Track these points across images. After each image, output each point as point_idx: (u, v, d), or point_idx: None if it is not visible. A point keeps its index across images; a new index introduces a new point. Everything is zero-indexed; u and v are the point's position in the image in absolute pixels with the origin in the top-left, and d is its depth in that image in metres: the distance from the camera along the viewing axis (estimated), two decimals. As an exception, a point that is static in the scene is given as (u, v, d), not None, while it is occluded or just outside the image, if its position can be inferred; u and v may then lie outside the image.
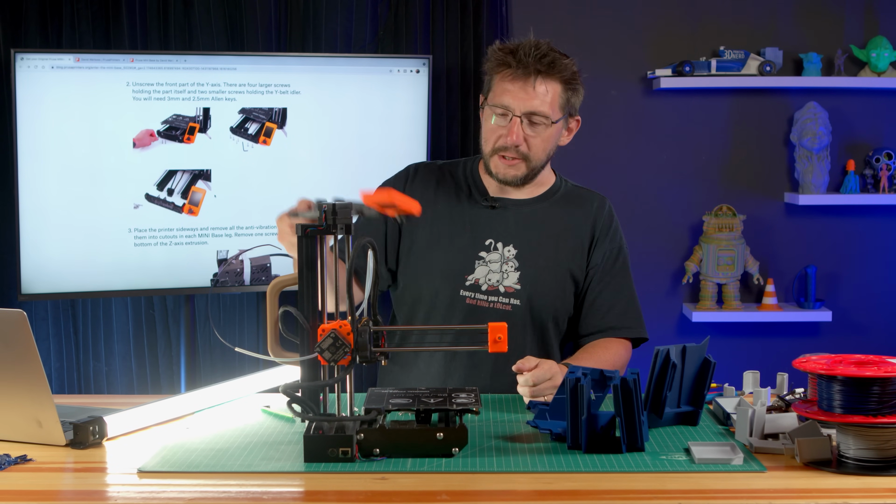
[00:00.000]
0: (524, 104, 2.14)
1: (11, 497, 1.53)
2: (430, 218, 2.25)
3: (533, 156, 2.19)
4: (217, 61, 3.24)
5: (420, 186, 2.29)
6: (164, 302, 3.54)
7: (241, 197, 3.29)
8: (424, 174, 2.32)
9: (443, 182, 2.30)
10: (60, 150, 3.13)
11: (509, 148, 2.16)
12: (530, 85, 2.14)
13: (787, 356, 1.79)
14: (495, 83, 2.18)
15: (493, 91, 2.18)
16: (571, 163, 3.78)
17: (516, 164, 2.19)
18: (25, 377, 1.72)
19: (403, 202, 1.79)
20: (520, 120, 2.14)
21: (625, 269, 2.29)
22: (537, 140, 2.18)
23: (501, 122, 2.16)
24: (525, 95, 2.14)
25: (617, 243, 2.29)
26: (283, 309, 1.76)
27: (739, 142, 3.82)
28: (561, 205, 2.29)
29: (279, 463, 1.65)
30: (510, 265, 2.22)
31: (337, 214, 1.72)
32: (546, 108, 2.15)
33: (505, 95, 2.15)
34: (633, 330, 2.26)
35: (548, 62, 2.13)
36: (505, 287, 2.21)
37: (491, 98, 2.18)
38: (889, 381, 1.55)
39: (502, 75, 2.16)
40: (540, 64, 2.13)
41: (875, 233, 3.84)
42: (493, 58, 2.18)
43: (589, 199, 2.32)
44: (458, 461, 1.64)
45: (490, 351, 1.67)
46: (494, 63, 2.18)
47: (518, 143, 2.15)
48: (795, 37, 3.76)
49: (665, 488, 1.54)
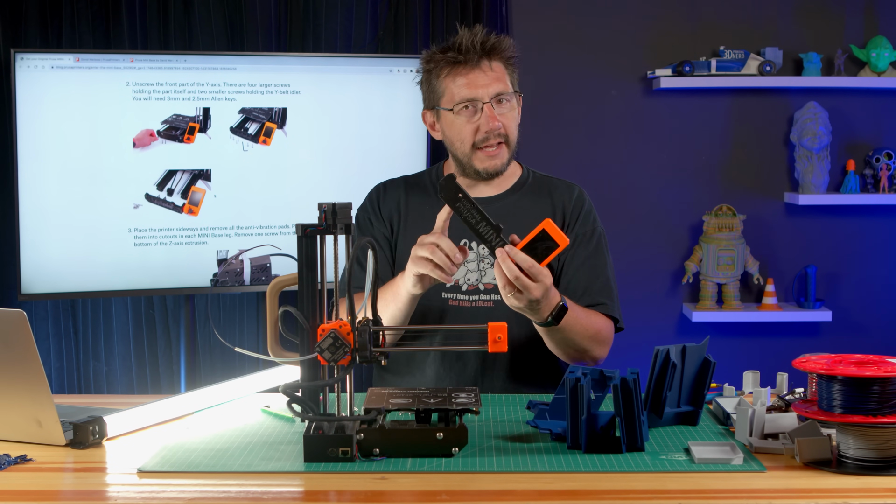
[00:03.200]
0: (488, 89, 2.16)
1: (11, 497, 1.53)
2: (406, 228, 2.27)
3: (510, 136, 2.21)
4: (217, 61, 3.24)
5: (391, 201, 2.30)
6: (164, 302, 3.54)
7: (241, 197, 3.29)
8: (391, 190, 2.33)
9: (411, 192, 2.31)
10: (60, 150, 3.13)
11: (491, 136, 2.17)
12: (485, 69, 2.16)
13: (787, 356, 1.79)
14: (447, 85, 2.18)
15: (449, 92, 2.18)
16: (572, 162, 3.79)
17: (499, 150, 2.20)
18: (25, 377, 1.72)
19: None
20: (490, 105, 2.16)
21: (599, 252, 2.27)
22: (509, 118, 2.20)
23: (472, 117, 2.17)
24: (485, 80, 2.16)
25: (590, 226, 2.27)
26: (283, 309, 1.77)
27: (739, 142, 3.82)
28: (529, 196, 2.29)
29: (279, 463, 1.65)
30: (486, 262, 2.23)
31: (337, 214, 1.72)
32: (506, 86, 2.18)
33: (465, 89, 2.16)
34: (605, 307, 2.22)
35: (491, 44, 2.17)
36: (484, 284, 2.22)
37: (447, 101, 2.19)
38: (889, 381, 1.55)
39: (452, 74, 2.17)
40: (485, 47, 2.16)
41: (875, 233, 3.84)
42: (436, 61, 2.19)
43: (557, 187, 2.31)
44: (458, 461, 1.64)
45: (490, 351, 1.67)
46: (439, 66, 2.19)
47: (498, 126, 2.17)
48: (795, 37, 3.76)
49: (665, 488, 1.54)
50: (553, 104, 3.79)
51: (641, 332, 3.46)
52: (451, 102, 2.18)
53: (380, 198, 2.32)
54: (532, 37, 3.74)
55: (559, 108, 3.81)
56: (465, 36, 2.16)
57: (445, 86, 2.18)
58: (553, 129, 3.80)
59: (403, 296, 2.05)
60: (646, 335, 3.54)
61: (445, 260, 1.93)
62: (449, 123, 2.21)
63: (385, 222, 2.28)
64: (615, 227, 3.62)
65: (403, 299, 2.06)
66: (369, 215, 2.31)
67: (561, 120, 3.79)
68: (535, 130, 3.78)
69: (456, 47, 2.16)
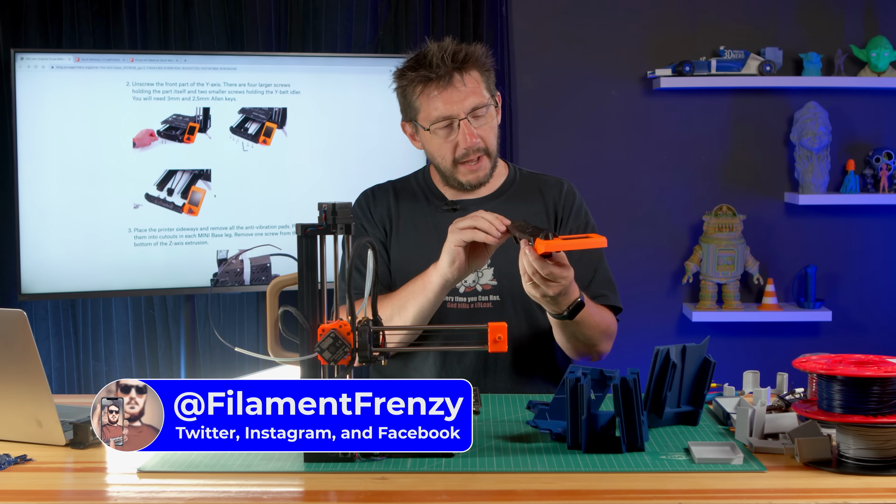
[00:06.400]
0: (462, 105, 2.13)
1: (11, 497, 1.53)
2: (399, 232, 2.26)
3: (490, 147, 2.19)
4: (217, 61, 3.24)
5: (382, 207, 2.29)
6: (164, 302, 3.54)
7: (241, 197, 3.29)
8: (381, 195, 2.31)
9: (400, 197, 2.30)
10: (60, 150, 3.13)
11: (470, 152, 2.16)
12: (457, 84, 2.13)
13: (787, 356, 1.79)
14: (421, 103, 2.15)
15: (425, 110, 2.15)
16: (571, 162, 3.80)
17: (481, 163, 2.19)
18: (25, 377, 1.72)
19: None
20: (467, 121, 2.14)
21: None
22: (487, 129, 2.18)
23: (449, 134, 2.15)
24: (459, 96, 2.13)
25: (583, 220, 2.28)
26: (283, 309, 1.76)
27: (739, 142, 3.82)
28: (520, 195, 2.29)
29: (279, 463, 1.65)
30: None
31: (337, 214, 1.72)
32: (481, 98, 2.15)
33: (441, 107, 2.13)
34: (607, 298, 2.22)
35: (462, 57, 2.12)
36: (482, 286, 2.21)
37: (424, 118, 2.16)
38: (889, 381, 1.55)
39: (425, 91, 2.14)
40: (455, 62, 2.12)
41: (875, 233, 3.84)
42: (405, 79, 2.16)
43: (546, 184, 2.31)
44: (458, 461, 1.64)
45: (490, 351, 1.67)
46: (410, 83, 2.16)
47: (477, 142, 2.15)
48: (795, 37, 3.76)
49: (665, 488, 1.54)
50: (553, 104, 3.79)
51: (641, 332, 3.46)
52: (428, 121, 2.15)
53: (370, 204, 2.30)
54: (532, 37, 3.74)
55: (559, 108, 3.80)
56: (434, 51, 2.12)
57: (420, 103, 2.16)
58: (553, 129, 3.80)
59: (436, 283, 2.03)
60: (646, 335, 3.55)
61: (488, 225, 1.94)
62: (427, 140, 2.19)
63: (379, 227, 2.27)
64: (615, 227, 3.63)
65: (435, 287, 2.04)
66: (362, 221, 2.29)
67: (561, 120, 3.79)
68: (535, 130, 3.79)
69: (426, 63, 2.12)
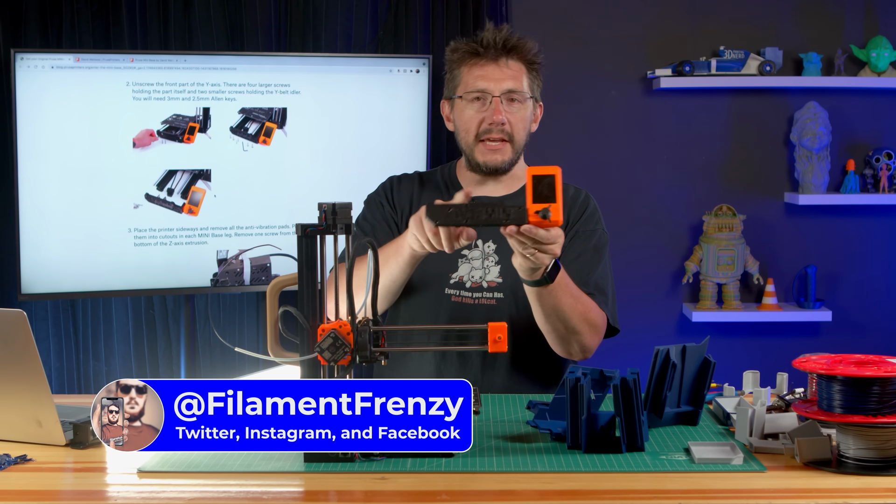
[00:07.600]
0: (500, 84, 2.21)
1: (11, 497, 1.53)
2: None
3: (516, 135, 2.24)
4: (217, 61, 3.24)
5: (405, 193, 2.34)
6: (164, 302, 3.54)
7: (241, 197, 3.29)
8: (406, 182, 2.37)
9: (424, 187, 2.35)
10: (60, 150, 3.13)
11: (494, 129, 2.21)
12: (501, 65, 2.23)
13: (787, 356, 1.79)
14: (463, 76, 2.25)
15: (464, 82, 2.25)
16: (572, 163, 3.79)
17: (502, 147, 2.24)
18: (25, 377, 1.72)
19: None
20: (499, 100, 2.21)
21: (598, 252, 2.27)
22: (517, 118, 2.24)
23: (481, 108, 2.22)
24: (500, 75, 2.22)
25: (592, 226, 2.29)
26: (283, 309, 1.76)
27: (739, 142, 3.82)
28: None
29: (279, 463, 1.65)
30: (491, 260, 2.24)
31: (337, 214, 1.72)
32: (520, 86, 2.23)
33: (479, 81, 2.22)
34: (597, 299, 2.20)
35: (512, 44, 2.24)
36: (488, 282, 2.23)
37: (462, 89, 2.25)
38: (889, 381, 1.55)
39: (471, 66, 2.24)
40: (506, 45, 2.23)
41: (875, 233, 3.84)
42: (458, 52, 2.26)
43: (565, 191, 2.31)
44: (457, 461, 1.64)
45: (490, 351, 1.67)
46: (460, 56, 2.26)
47: (503, 120, 2.21)
48: (795, 37, 3.76)
49: (665, 488, 1.54)
50: (553, 104, 3.78)
51: (641, 332, 3.46)
52: (466, 89, 2.24)
53: (394, 187, 2.36)
54: (532, 37, 3.72)
55: (559, 108, 3.80)
56: (488, 33, 2.24)
57: (464, 76, 2.25)
58: (553, 129, 3.79)
59: (406, 252, 2.05)
60: (646, 335, 3.55)
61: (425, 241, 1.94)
62: (459, 111, 2.26)
63: (397, 209, 2.33)
64: (615, 227, 3.61)
65: (405, 256, 2.06)
66: (381, 199, 2.35)
67: (561, 120, 3.79)
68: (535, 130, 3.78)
69: (479, 41, 2.24)
